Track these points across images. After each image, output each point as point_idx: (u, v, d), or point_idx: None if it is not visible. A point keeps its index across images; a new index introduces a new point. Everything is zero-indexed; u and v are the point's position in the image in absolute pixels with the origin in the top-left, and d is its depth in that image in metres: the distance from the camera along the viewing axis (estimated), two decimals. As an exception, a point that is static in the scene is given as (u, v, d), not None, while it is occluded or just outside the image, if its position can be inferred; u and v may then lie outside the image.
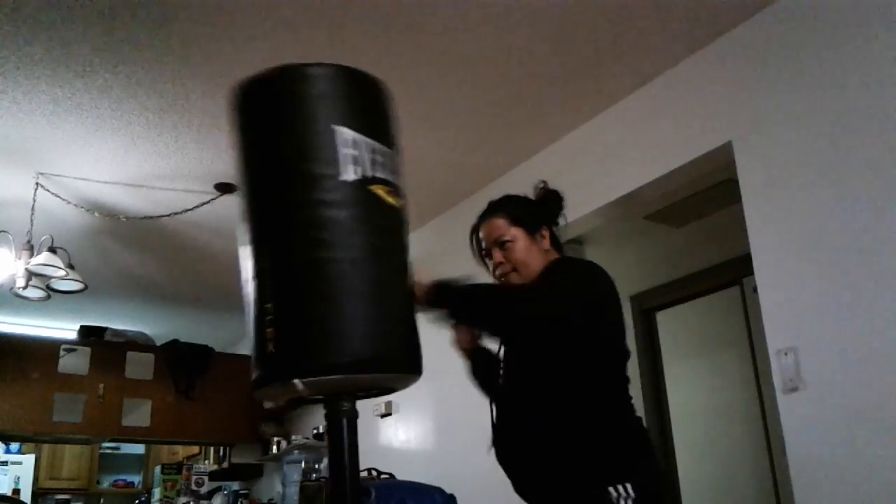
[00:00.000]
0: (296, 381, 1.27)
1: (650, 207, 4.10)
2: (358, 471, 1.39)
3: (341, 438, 1.36)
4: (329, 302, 1.29)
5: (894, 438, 2.31)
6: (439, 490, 4.18)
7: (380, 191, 1.34)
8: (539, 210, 2.03)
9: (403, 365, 1.38)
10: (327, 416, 1.38)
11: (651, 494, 1.73)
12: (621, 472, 1.71)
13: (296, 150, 1.35)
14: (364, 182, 1.33)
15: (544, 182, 2.08)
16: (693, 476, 4.47)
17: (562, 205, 2.06)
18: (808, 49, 2.75)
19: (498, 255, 1.96)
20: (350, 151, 1.32)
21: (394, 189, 1.38)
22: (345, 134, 1.33)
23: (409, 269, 1.49)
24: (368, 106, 1.42)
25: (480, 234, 2.03)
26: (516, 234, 1.95)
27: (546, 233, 2.00)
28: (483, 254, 2.03)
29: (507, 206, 2.01)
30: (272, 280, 1.32)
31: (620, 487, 1.68)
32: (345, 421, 1.37)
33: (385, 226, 1.37)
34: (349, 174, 1.32)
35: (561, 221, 2.06)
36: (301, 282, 1.30)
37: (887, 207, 2.44)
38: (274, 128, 1.38)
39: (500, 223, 1.97)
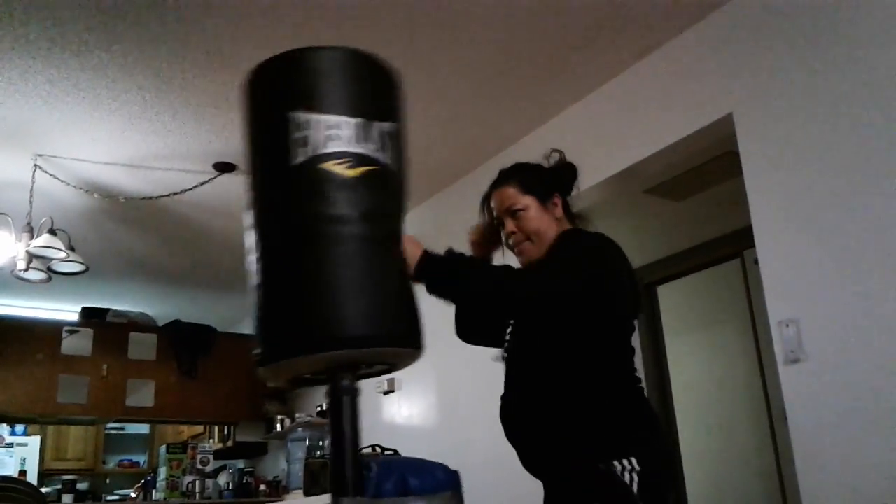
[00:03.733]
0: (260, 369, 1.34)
1: (650, 181, 4.09)
2: (359, 448, 1.40)
3: (340, 416, 1.37)
4: (308, 284, 1.34)
5: (895, 409, 2.32)
6: (442, 467, 4.19)
7: (333, 166, 1.39)
8: (550, 177, 2.01)
9: (392, 338, 1.40)
10: (328, 394, 1.39)
11: (655, 468, 1.73)
12: (626, 446, 1.71)
13: (252, 142, 1.47)
14: (313, 161, 1.38)
15: (560, 152, 2.05)
16: (695, 449, 4.49)
17: (575, 176, 2.04)
18: (808, 20, 2.73)
19: (510, 224, 1.94)
20: (300, 134, 1.39)
21: (353, 159, 1.41)
22: (296, 118, 1.39)
23: (395, 235, 1.51)
24: (326, 81, 1.46)
25: (492, 204, 2.00)
26: (528, 203, 1.93)
27: (558, 200, 1.98)
28: (495, 223, 2.01)
29: (519, 175, 1.98)
30: (260, 264, 1.42)
31: (626, 461, 1.68)
32: (345, 399, 1.38)
33: (342, 198, 1.39)
34: (298, 157, 1.38)
35: (574, 192, 2.04)
36: (277, 266, 1.39)
37: (888, 178, 2.43)
38: (246, 123, 1.51)
39: (512, 192, 1.95)
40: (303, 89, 1.44)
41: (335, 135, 1.40)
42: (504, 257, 2.01)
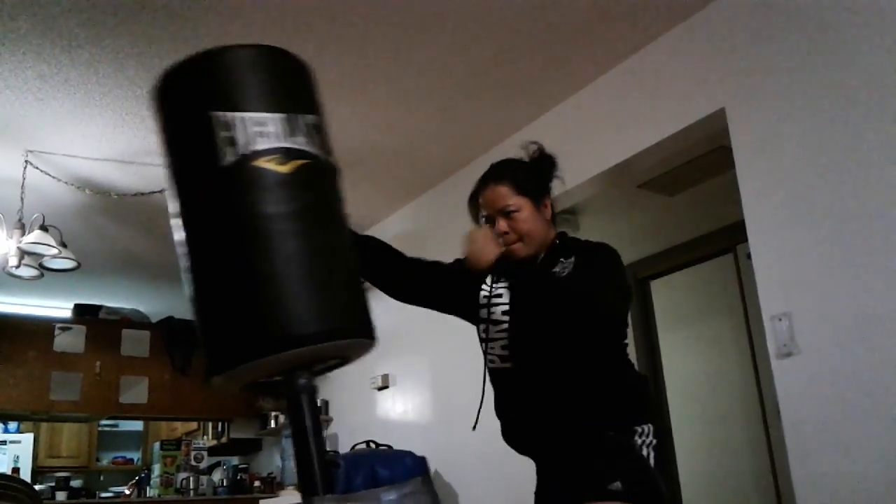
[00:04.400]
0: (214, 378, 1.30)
1: (643, 176, 4.09)
2: (323, 445, 1.38)
3: (301, 415, 1.35)
4: (254, 285, 1.31)
5: (887, 402, 2.33)
6: (409, 454, 4.22)
7: (265, 163, 1.35)
8: (542, 178, 2.00)
9: (345, 331, 1.35)
10: (285, 395, 1.37)
11: (665, 439, 1.83)
12: (642, 417, 1.79)
13: (174, 147, 1.41)
14: (245, 160, 1.34)
15: (538, 143, 2.04)
16: (688, 442, 4.51)
17: (555, 169, 2.03)
18: (800, 15, 2.73)
19: (502, 224, 1.92)
20: (227, 134, 1.35)
21: (284, 154, 1.37)
22: (221, 118, 1.36)
23: (335, 225, 1.47)
24: (249, 79, 1.44)
25: (481, 201, 1.98)
26: (522, 204, 1.92)
27: (548, 202, 1.98)
28: (484, 220, 1.99)
29: (512, 174, 1.97)
30: (197, 272, 1.37)
31: (645, 427, 1.77)
32: (303, 397, 1.36)
33: (278, 195, 1.36)
34: (227, 158, 1.34)
35: (555, 186, 2.04)
36: (218, 271, 1.34)
37: (880, 172, 2.44)
38: (163, 128, 1.45)
39: (505, 191, 1.93)
40: (224, 88, 1.41)
41: (263, 132, 1.37)
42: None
